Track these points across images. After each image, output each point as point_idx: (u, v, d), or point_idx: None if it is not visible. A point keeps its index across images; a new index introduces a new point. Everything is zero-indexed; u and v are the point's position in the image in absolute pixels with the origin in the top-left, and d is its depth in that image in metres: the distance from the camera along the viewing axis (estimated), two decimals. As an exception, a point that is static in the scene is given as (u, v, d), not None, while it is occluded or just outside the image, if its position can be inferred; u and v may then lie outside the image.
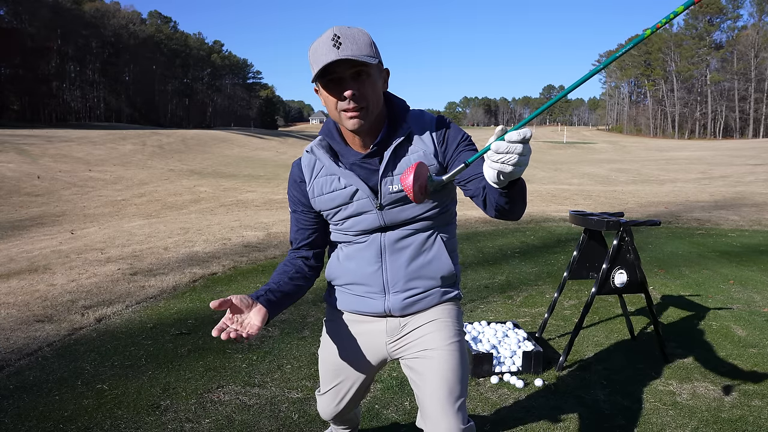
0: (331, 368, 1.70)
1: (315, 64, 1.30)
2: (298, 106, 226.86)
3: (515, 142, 1.01)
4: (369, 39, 1.32)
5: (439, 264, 1.53)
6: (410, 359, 1.56)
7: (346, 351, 1.65)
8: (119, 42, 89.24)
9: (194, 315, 3.86)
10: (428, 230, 1.51)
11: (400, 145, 1.44)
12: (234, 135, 51.23)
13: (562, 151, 52.10)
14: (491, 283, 4.80)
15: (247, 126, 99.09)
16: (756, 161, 28.01)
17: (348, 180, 1.46)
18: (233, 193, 15.65)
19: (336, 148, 1.47)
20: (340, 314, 1.65)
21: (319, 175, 1.50)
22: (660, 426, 2.42)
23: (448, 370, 1.48)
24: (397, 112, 1.45)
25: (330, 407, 1.75)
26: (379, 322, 1.58)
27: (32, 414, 2.46)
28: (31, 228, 11.28)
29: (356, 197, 1.46)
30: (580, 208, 10.66)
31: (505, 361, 2.95)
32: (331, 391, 1.72)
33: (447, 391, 1.45)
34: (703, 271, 5.26)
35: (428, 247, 1.52)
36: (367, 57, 1.28)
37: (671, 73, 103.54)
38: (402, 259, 1.51)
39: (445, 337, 1.53)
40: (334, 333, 1.67)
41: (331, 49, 1.27)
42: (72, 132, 39.30)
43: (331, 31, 1.30)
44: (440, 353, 1.51)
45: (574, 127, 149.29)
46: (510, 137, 1.01)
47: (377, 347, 1.61)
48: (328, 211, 1.52)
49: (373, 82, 1.34)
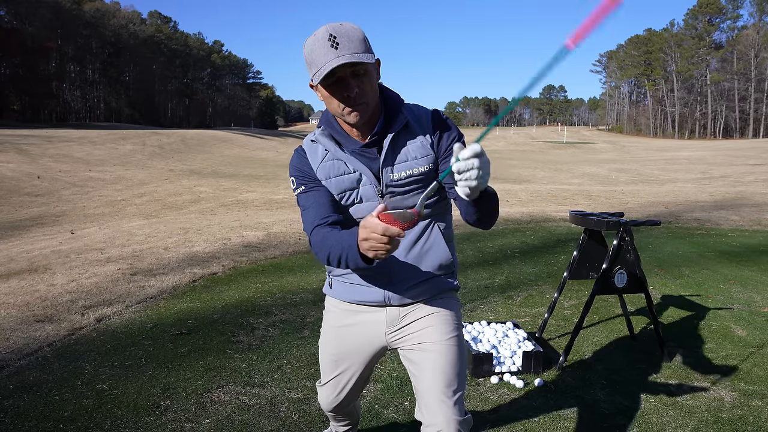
0: (331, 359, 1.72)
1: (314, 65, 1.32)
2: (298, 106, 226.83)
3: (470, 158, 1.11)
4: (362, 34, 1.35)
5: (438, 252, 1.56)
6: (409, 351, 1.59)
7: (345, 341, 1.67)
8: (119, 42, 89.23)
9: (194, 315, 3.86)
10: (426, 219, 1.54)
11: (397, 136, 1.48)
12: (234, 135, 51.24)
13: (562, 151, 52.12)
14: (491, 283, 4.80)
15: (247, 126, 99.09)
16: (756, 161, 28.01)
17: (354, 165, 1.48)
18: (233, 193, 15.65)
19: (337, 137, 1.50)
20: (340, 304, 1.67)
21: (326, 159, 1.51)
22: (660, 426, 2.42)
23: (446, 364, 1.52)
24: (392, 103, 1.50)
25: (330, 398, 1.77)
26: (379, 312, 1.61)
27: (32, 414, 2.46)
28: (31, 228, 11.29)
29: (362, 183, 1.49)
30: (580, 208, 10.65)
31: (505, 361, 2.95)
32: (331, 382, 1.75)
33: (445, 383, 1.49)
34: (703, 271, 5.26)
35: (426, 236, 1.55)
36: (364, 55, 1.31)
37: (671, 73, 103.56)
38: (401, 248, 1.53)
39: (444, 331, 1.56)
40: (334, 323, 1.69)
41: (330, 50, 1.30)
42: (72, 132, 39.31)
43: (326, 30, 1.32)
44: (439, 347, 1.54)
45: (574, 127, 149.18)
46: (463, 155, 1.11)
47: (376, 337, 1.63)
48: (336, 196, 1.53)
49: (371, 78, 1.38)
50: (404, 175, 1.47)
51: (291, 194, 14.45)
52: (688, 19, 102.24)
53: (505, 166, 30.13)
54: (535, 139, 77.58)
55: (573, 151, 51.85)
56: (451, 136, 1.51)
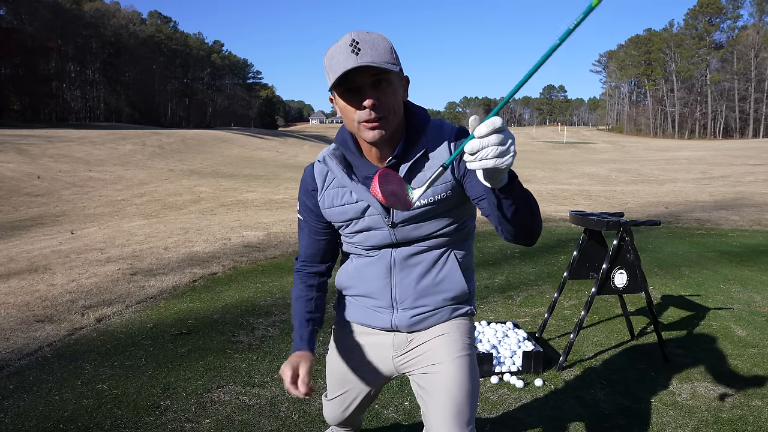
0: (337, 377, 1.68)
1: (332, 71, 1.22)
2: (298, 106, 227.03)
3: (485, 135, 0.94)
4: (389, 45, 1.25)
5: (451, 283, 1.47)
6: (418, 375, 1.51)
7: (352, 362, 1.62)
8: (119, 42, 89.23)
9: (194, 315, 3.86)
10: (442, 247, 1.45)
11: (416, 161, 1.35)
12: (234, 135, 51.23)
13: (562, 151, 52.11)
14: (491, 283, 4.80)
15: (247, 126, 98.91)
16: (756, 161, 28.01)
17: (360, 195, 1.39)
18: (233, 193, 15.64)
19: (350, 159, 1.40)
20: (348, 324, 1.62)
21: (331, 186, 1.44)
22: (660, 426, 2.42)
23: (454, 387, 1.41)
24: (417, 123, 1.37)
25: (336, 413, 1.75)
26: (386, 336, 1.55)
27: (32, 414, 2.46)
28: (31, 228, 11.28)
29: (368, 213, 1.40)
30: (580, 208, 10.65)
31: (505, 361, 2.95)
32: (337, 399, 1.71)
33: (455, 413, 1.38)
34: (703, 271, 5.26)
35: (441, 265, 1.46)
36: (387, 64, 1.20)
37: (671, 73, 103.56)
38: (412, 276, 1.46)
39: (453, 350, 1.46)
40: (342, 342, 1.65)
41: (350, 55, 1.19)
42: (72, 132, 39.30)
43: (349, 36, 1.22)
44: (447, 367, 1.44)
45: (574, 127, 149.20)
46: (479, 132, 0.94)
47: (384, 360, 1.57)
48: (340, 224, 1.47)
49: (393, 90, 1.26)
50: (419, 204, 1.35)
51: (291, 194, 14.46)
52: (688, 19, 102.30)
53: (505, 166, 30.02)
54: (535, 139, 77.57)
55: (573, 151, 51.84)
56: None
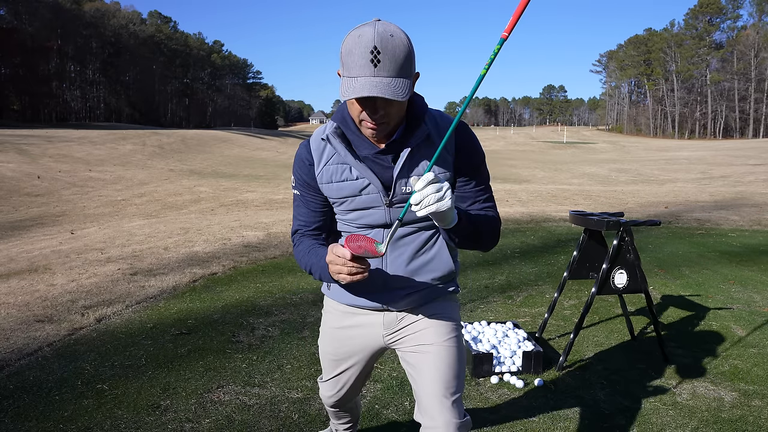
0: (330, 358, 1.74)
1: (346, 69, 1.26)
2: (298, 106, 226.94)
3: (423, 188, 1.20)
4: (407, 52, 1.27)
5: (440, 263, 1.54)
6: (407, 353, 1.60)
7: (343, 342, 1.68)
8: (119, 42, 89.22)
9: (194, 315, 3.86)
10: (431, 229, 1.52)
11: (418, 148, 1.42)
12: (234, 135, 51.23)
13: (562, 151, 52.10)
14: (491, 283, 4.80)
15: (247, 126, 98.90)
16: (756, 161, 28.01)
17: (361, 172, 1.43)
18: (233, 193, 15.64)
19: (350, 137, 1.44)
20: (338, 306, 1.67)
21: (330, 162, 1.47)
22: (660, 426, 2.42)
23: (444, 366, 1.52)
24: (416, 112, 1.43)
25: (331, 393, 1.81)
26: (376, 315, 1.61)
27: (32, 414, 2.46)
28: (31, 228, 11.29)
29: (366, 191, 1.45)
30: (580, 208, 10.65)
31: (505, 361, 2.95)
32: (332, 380, 1.78)
33: (443, 386, 1.49)
34: (703, 271, 5.26)
35: (430, 246, 1.53)
36: (401, 87, 1.25)
37: (671, 72, 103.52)
38: (403, 257, 1.51)
39: (443, 333, 1.56)
40: (332, 325, 1.70)
41: (367, 64, 1.23)
42: (72, 132, 39.30)
43: (372, 36, 1.23)
44: (437, 348, 1.54)
45: (574, 127, 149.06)
46: (418, 186, 1.20)
47: (374, 338, 1.64)
48: (336, 200, 1.50)
49: (401, 104, 1.34)
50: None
51: (291, 194, 14.45)
52: (688, 19, 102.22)
53: (505, 166, 30.13)
54: (535, 139, 77.55)
55: (573, 151, 51.84)
56: (473, 160, 1.47)
